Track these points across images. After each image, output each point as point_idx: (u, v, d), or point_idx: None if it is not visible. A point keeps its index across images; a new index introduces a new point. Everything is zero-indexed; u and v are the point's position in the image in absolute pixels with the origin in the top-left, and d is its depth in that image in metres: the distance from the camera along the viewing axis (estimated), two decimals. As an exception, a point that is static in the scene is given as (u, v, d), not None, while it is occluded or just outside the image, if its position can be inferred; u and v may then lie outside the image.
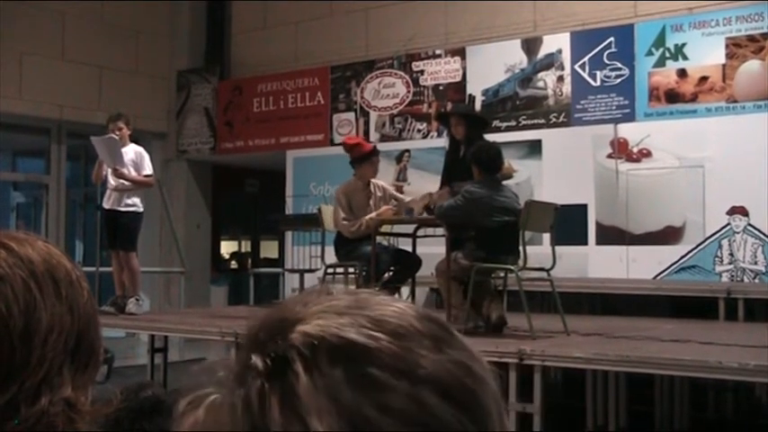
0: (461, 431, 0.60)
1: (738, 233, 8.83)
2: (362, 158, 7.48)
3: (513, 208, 6.34)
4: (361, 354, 0.60)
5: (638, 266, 9.28)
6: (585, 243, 9.56)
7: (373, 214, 7.28)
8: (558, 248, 6.63)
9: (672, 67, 9.42)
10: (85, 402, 1.02)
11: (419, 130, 11.26)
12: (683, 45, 9.36)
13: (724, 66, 9.13)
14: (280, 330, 0.62)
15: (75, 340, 1.03)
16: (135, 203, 8.29)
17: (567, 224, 7.86)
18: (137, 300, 8.32)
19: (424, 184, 10.01)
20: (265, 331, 0.63)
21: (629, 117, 9.60)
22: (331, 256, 7.68)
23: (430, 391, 0.60)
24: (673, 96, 9.38)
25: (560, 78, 10.16)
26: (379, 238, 7.35)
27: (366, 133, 11.57)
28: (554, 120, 10.15)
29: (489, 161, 6.46)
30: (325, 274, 7.74)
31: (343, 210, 7.36)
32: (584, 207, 9.59)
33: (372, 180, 7.64)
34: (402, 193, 10.67)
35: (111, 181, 8.23)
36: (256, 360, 0.61)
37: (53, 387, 0.99)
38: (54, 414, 0.97)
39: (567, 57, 10.12)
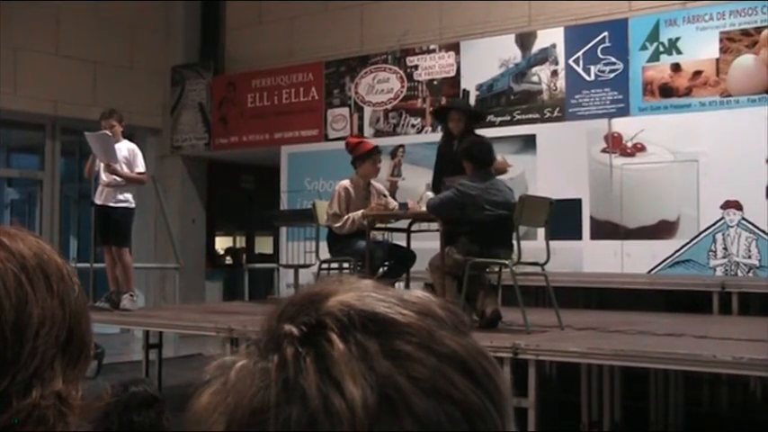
0: (483, 410, 0.63)
1: (732, 227, 8.85)
2: (364, 157, 7.47)
3: (508, 202, 6.33)
4: (393, 326, 0.63)
5: (633, 261, 9.29)
6: (580, 238, 9.57)
7: (360, 212, 7.24)
8: (553, 243, 6.63)
9: (666, 61, 9.43)
10: (76, 396, 1.02)
11: (413, 126, 11.25)
12: (677, 39, 9.37)
13: (718, 60, 9.14)
14: (312, 303, 0.65)
15: (67, 334, 1.03)
16: (127, 199, 8.28)
17: (562, 219, 7.85)
18: (131, 295, 8.30)
19: (419, 178, 10.02)
20: (295, 306, 0.66)
21: (624, 111, 9.61)
22: (325, 252, 7.67)
23: (454, 369, 0.63)
24: (667, 91, 9.39)
25: (554, 73, 10.16)
26: (373, 233, 7.35)
27: (360, 128, 11.57)
28: (548, 114, 10.15)
29: (482, 156, 6.46)
30: (320, 269, 7.74)
31: (339, 203, 7.32)
32: (578, 202, 9.60)
33: (373, 182, 7.64)
34: (397, 188, 10.71)
35: (104, 176, 8.21)
36: (290, 328, 0.63)
37: (44, 380, 0.99)
38: (45, 407, 0.97)
39: (561, 51, 10.13)
